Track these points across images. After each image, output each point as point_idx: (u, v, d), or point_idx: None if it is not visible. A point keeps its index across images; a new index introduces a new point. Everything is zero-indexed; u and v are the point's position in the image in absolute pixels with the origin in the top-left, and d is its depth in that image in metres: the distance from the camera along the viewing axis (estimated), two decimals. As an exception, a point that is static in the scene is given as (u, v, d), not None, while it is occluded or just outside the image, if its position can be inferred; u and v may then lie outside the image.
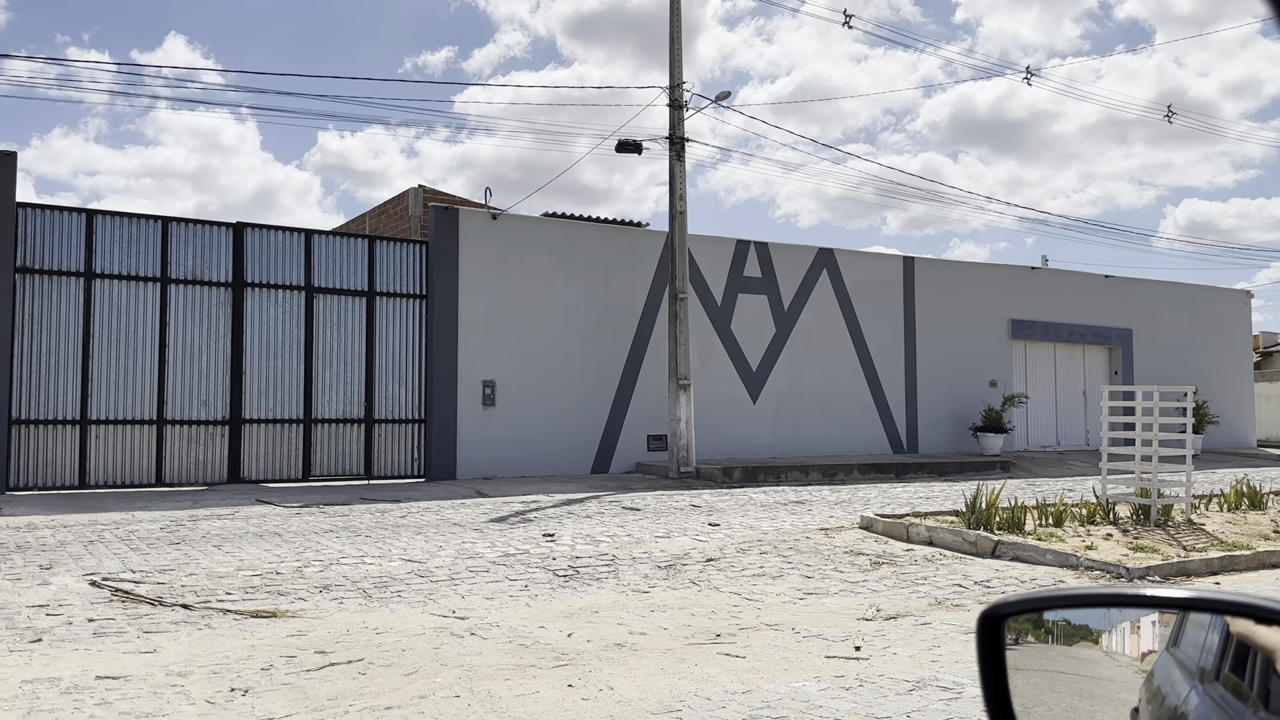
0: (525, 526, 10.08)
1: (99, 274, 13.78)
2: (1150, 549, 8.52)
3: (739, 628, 5.89)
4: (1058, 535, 9.07)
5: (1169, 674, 1.05)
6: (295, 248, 15.04)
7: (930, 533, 9.25)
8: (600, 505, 12.00)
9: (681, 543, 9.07)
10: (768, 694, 4.53)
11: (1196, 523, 10.03)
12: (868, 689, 4.62)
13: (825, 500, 12.84)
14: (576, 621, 6.00)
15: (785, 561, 8.21)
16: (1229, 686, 0.91)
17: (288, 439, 14.78)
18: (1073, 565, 8.01)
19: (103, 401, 13.70)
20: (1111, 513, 10.23)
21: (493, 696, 4.46)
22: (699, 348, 17.53)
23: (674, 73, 16.43)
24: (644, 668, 4.98)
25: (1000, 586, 7.34)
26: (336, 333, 15.25)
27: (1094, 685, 1.25)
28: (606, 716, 4.20)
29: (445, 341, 15.72)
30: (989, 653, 0.97)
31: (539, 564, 7.93)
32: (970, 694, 4.50)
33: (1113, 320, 23.41)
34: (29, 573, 7.23)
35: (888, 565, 8.12)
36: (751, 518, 10.90)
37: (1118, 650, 1.22)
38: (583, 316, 16.85)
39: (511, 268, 16.32)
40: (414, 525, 10.05)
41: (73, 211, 13.76)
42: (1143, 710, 1.06)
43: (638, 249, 17.57)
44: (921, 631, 5.83)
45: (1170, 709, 1.00)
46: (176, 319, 14.20)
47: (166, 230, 14.23)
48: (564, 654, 5.23)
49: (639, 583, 7.27)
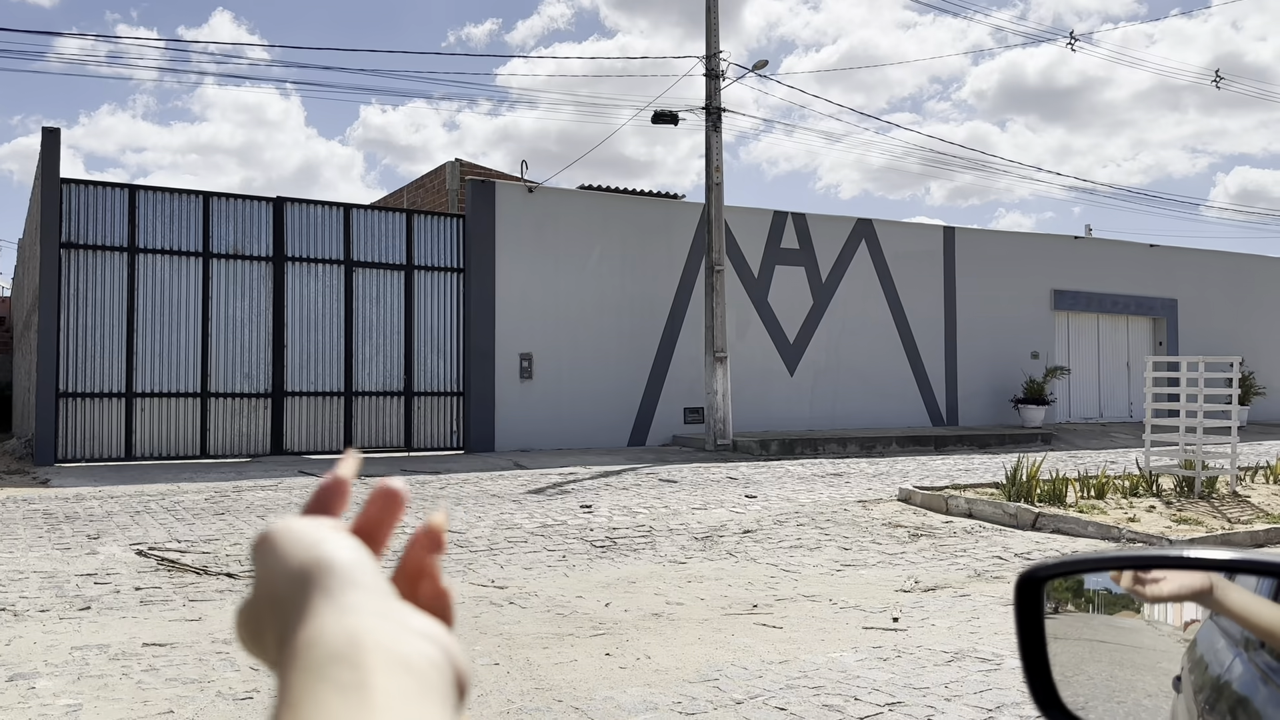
0: (562, 498, 10.14)
1: (142, 249, 13.97)
2: (1194, 521, 8.40)
3: (776, 599, 5.89)
4: (1099, 507, 8.96)
5: (1212, 642, 1.03)
6: (334, 222, 15.14)
7: (969, 505, 9.18)
8: (637, 477, 12.03)
9: (718, 514, 9.08)
10: (805, 664, 4.54)
11: (1241, 495, 9.87)
12: (905, 660, 4.61)
13: (863, 473, 12.79)
14: (614, 591, 6.04)
15: (822, 533, 8.19)
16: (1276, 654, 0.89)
17: (329, 411, 14.95)
18: (1114, 538, 7.92)
19: (147, 375, 13.93)
20: (1155, 485, 10.09)
21: (531, 664, 4.50)
22: (735, 320, 17.45)
23: (710, 42, 16.27)
24: (681, 637, 5.00)
25: (1040, 559, 7.28)
26: (375, 306, 15.36)
27: (1135, 654, 1.23)
28: (644, 685, 4.23)
29: (483, 315, 15.78)
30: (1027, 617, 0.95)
31: (576, 535, 7.97)
32: (1009, 665, 4.48)
33: (1157, 290, 22.99)
34: (77, 542, 7.40)
35: (926, 537, 8.08)
36: (789, 490, 10.88)
37: (1160, 619, 1.20)
38: (619, 289, 16.83)
39: (548, 241, 16.33)
40: (453, 496, 10.15)
41: (116, 187, 13.95)
42: (1185, 679, 1.04)
43: (674, 221, 17.50)
44: (960, 603, 5.80)
45: (1213, 678, 0.98)
46: (218, 293, 14.37)
47: (208, 205, 14.39)
48: (601, 623, 5.26)
49: (676, 554, 7.29)
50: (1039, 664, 0.97)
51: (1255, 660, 0.90)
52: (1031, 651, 0.96)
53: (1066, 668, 1.10)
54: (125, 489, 10.49)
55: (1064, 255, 21.83)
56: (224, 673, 4.34)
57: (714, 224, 16.08)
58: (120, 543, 7.39)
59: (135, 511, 8.93)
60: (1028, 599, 0.96)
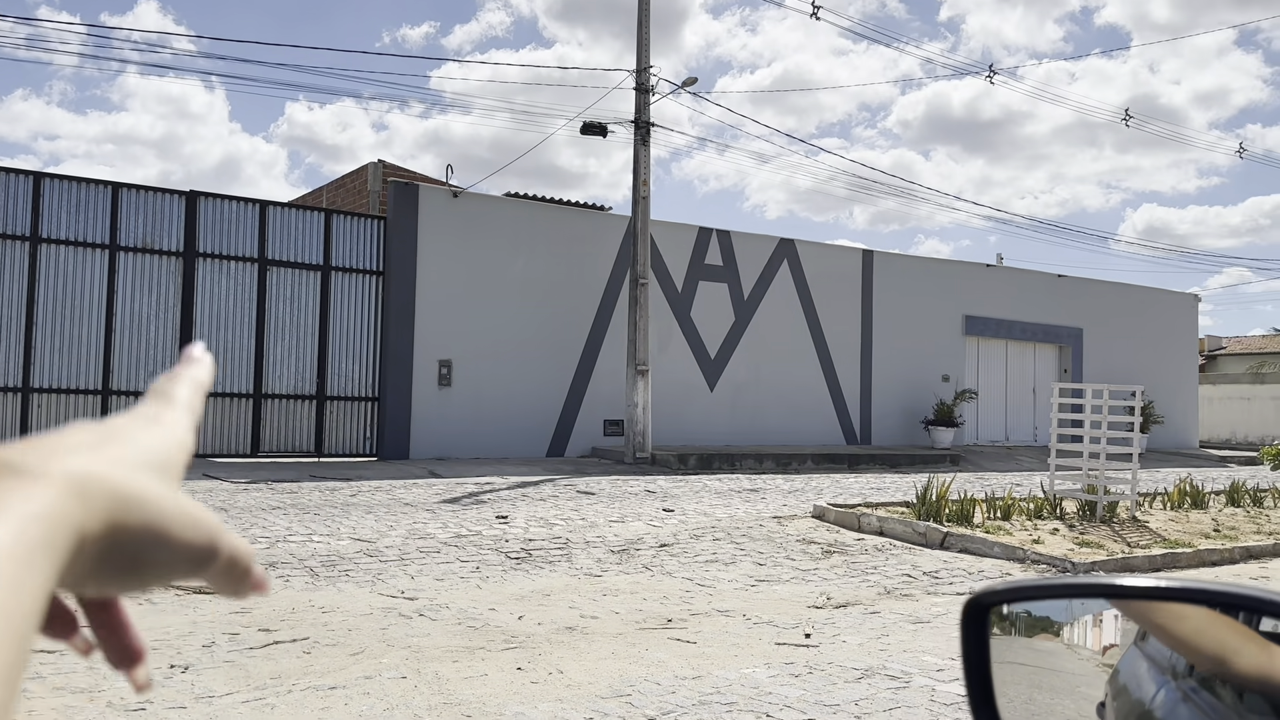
0: (478, 508, 10.00)
1: (45, 239, 13.42)
2: (1095, 544, 8.65)
3: (690, 613, 5.88)
4: (1005, 529, 9.18)
5: (1135, 669, 1.03)
6: (249, 219, 14.76)
7: (881, 523, 9.32)
8: (555, 489, 11.95)
9: (635, 528, 9.06)
10: (718, 679, 4.53)
11: (1141, 520, 10.21)
12: (817, 676, 4.64)
13: (779, 489, 12.90)
14: (527, 604, 5.96)
15: (738, 548, 8.22)
16: (1202, 682, 0.89)
17: (237, 413, 14.54)
18: (1020, 559, 8.11)
19: (46, 369, 13.37)
20: (1058, 508, 10.38)
21: (440, 678, 4.40)
22: (658, 334, 17.50)
23: (641, 56, 16.33)
24: (594, 651, 4.95)
25: (948, 577, 7.42)
26: (290, 307, 15.01)
27: (1054, 678, 1.24)
28: (555, 700, 4.17)
29: (401, 319, 15.53)
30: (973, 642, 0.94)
31: (491, 546, 7.86)
32: (918, 683, 4.53)
33: (1064, 319, 23.76)
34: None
35: (839, 554, 8.17)
36: (706, 504, 10.91)
37: (1079, 643, 1.20)
38: (542, 299, 16.74)
39: (472, 247, 16.16)
40: (364, 504, 9.93)
41: (20, 174, 13.39)
42: (1109, 705, 1.05)
43: (600, 233, 17.49)
44: (870, 620, 5.87)
45: (1137, 703, 0.99)
46: (125, 287, 13.88)
47: (117, 196, 13.90)
48: (514, 636, 5.18)
49: (592, 567, 7.24)
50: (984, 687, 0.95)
51: (1182, 687, 0.91)
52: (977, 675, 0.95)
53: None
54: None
55: (976, 282, 22.42)
56: (115, 681, 4.15)
57: (639, 237, 16.11)
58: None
59: (26, 512, 8.53)
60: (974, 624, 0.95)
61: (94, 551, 0.38)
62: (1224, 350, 41.15)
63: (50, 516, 0.36)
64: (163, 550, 0.40)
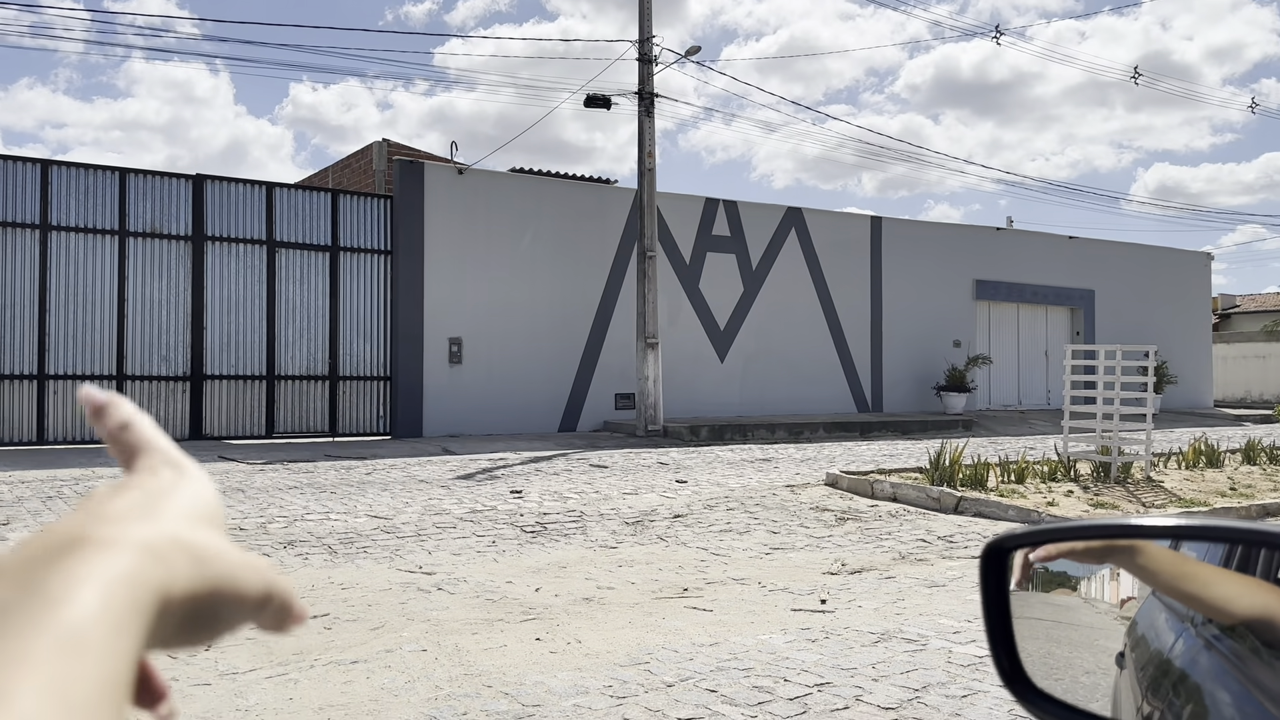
0: (492, 483, 10.05)
1: (55, 226, 13.46)
2: (1111, 505, 8.65)
3: (706, 582, 5.91)
4: (1019, 492, 9.18)
5: (1154, 618, 1.03)
6: (257, 201, 14.76)
7: (894, 489, 9.33)
8: (568, 463, 11.99)
9: (649, 499, 9.09)
10: (734, 646, 4.55)
11: (1156, 480, 10.20)
12: (834, 641, 4.66)
13: (791, 458, 12.92)
14: (544, 577, 6.00)
15: (752, 517, 8.25)
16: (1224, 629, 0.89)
17: (250, 395, 14.61)
18: (1034, 521, 8.12)
19: (61, 356, 13.45)
20: (1073, 470, 10.37)
21: (460, 650, 4.44)
22: (667, 306, 17.48)
23: (644, 26, 16.21)
24: (611, 621, 4.99)
25: (963, 541, 7.43)
26: (299, 288, 15.03)
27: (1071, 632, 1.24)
28: (574, 669, 4.20)
29: (411, 298, 15.55)
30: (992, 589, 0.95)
31: (506, 520, 7.91)
32: (934, 645, 4.55)
33: (1075, 281, 23.63)
34: (-15, 529, 7.11)
35: (852, 521, 8.19)
36: (719, 475, 10.93)
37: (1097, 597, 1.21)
38: (551, 273, 16.73)
39: (479, 224, 16.14)
40: (380, 482, 9.99)
41: (28, 162, 13.40)
42: (1128, 655, 1.05)
43: (607, 206, 17.44)
44: (886, 585, 5.89)
45: (1155, 654, 0.99)
46: (135, 273, 13.93)
47: (124, 182, 13.91)
48: (531, 608, 5.22)
49: (606, 539, 7.28)
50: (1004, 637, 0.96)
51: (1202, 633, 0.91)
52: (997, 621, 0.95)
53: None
54: (37, 474, 10.11)
55: (986, 246, 22.30)
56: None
57: (646, 210, 16.06)
58: (31, 529, 7.12)
59: (47, 497, 8.61)
60: (993, 570, 0.95)
61: (178, 611, 0.38)
62: (1238, 308, 40.90)
63: (134, 580, 0.36)
64: (234, 602, 0.41)
